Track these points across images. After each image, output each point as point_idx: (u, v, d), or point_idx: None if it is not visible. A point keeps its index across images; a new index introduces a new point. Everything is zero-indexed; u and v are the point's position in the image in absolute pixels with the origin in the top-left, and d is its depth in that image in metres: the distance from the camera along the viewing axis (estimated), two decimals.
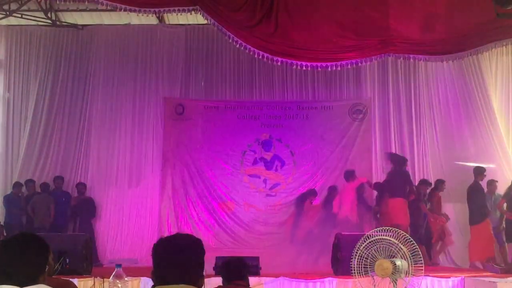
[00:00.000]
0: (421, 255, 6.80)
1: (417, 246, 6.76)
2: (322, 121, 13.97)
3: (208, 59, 14.28)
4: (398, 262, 6.67)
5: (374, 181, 13.45)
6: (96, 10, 13.44)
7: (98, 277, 8.77)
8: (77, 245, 9.61)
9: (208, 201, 13.94)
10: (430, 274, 9.56)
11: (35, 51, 14.28)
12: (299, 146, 13.97)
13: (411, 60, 11.05)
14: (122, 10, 10.35)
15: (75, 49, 14.30)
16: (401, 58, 11.11)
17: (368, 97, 13.97)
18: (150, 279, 2.92)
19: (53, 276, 5.05)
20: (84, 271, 9.41)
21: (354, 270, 7.14)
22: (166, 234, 12.05)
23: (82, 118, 14.10)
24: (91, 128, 14.02)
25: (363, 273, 7.13)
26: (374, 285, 6.95)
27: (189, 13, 11.11)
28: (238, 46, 10.30)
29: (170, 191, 13.94)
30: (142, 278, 8.85)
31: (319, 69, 10.72)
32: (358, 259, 7.09)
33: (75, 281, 8.17)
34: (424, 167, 13.60)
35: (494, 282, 8.58)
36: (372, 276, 7.07)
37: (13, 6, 13.08)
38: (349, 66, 10.60)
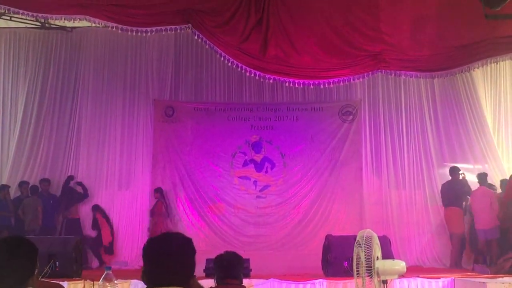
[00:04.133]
0: (370, 259, 6.73)
1: (371, 250, 6.70)
2: (312, 122, 13.99)
3: (197, 61, 14.23)
4: (382, 263, 6.66)
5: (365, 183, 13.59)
6: None
7: (88, 280, 8.76)
8: (67, 248, 9.57)
9: (198, 203, 13.91)
10: (421, 275, 9.60)
11: (24, 54, 14.20)
12: (289, 147, 13.98)
13: (403, 76, 11.03)
14: (115, 29, 10.36)
15: (64, 51, 14.25)
16: (393, 75, 11.08)
17: (358, 98, 13.99)
18: (140, 282, 2.91)
19: (42, 280, 5.03)
20: (74, 274, 9.36)
21: (354, 271, 7.14)
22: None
23: (72, 120, 14.04)
24: (81, 131, 13.97)
25: (356, 274, 7.13)
26: (365, 286, 6.94)
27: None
28: (229, 64, 10.32)
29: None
30: (132, 280, 8.82)
31: (311, 86, 10.67)
32: (354, 260, 7.08)
33: (65, 284, 8.16)
34: (415, 168, 13.62)
35: (484, 283, 8.60)
36: (363, 278, 7.06)
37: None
38: (341, 83, 10.57)
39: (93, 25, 13.52)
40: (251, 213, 13.89)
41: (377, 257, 6.62)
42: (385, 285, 6.68)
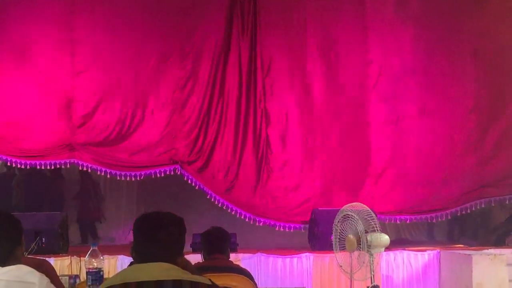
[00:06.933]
0: (378, 231, 6.76)
1: (376, 222, 6.74)
2: None
3: None
4: (368, 237, 6.70)
5: None
6: None
7: (74, 256, 8.74)
8: (53, 224, 9.52)
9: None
10: (406, 248, 9.67)
11: None
12: None
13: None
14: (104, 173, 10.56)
15: None
16: (387, 221, 11.08)
17: None
18: (127, 257, 2.90)
19: (28, 256, 5.01)
20: (60, 250, 9.33)
21: (334, 245, 7.18)
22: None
23: None
24: None
25: (339, 248, 7.17)
26: (351, 260, 6.99)
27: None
28: (220, 204, 10.39)
29: None
30: (119, 256, 8.80)
31: (302, 230, 10.56)
32: (335, 234, 7.12)
33: (51, 260, 8.14)
34: None
35: (469, 254, 8.67)
36: (350, 252, 7.10)
37: None
38: None
39: None
40: None
41: (363, 231, 6.67)
42: (371, 258, 6.72)
